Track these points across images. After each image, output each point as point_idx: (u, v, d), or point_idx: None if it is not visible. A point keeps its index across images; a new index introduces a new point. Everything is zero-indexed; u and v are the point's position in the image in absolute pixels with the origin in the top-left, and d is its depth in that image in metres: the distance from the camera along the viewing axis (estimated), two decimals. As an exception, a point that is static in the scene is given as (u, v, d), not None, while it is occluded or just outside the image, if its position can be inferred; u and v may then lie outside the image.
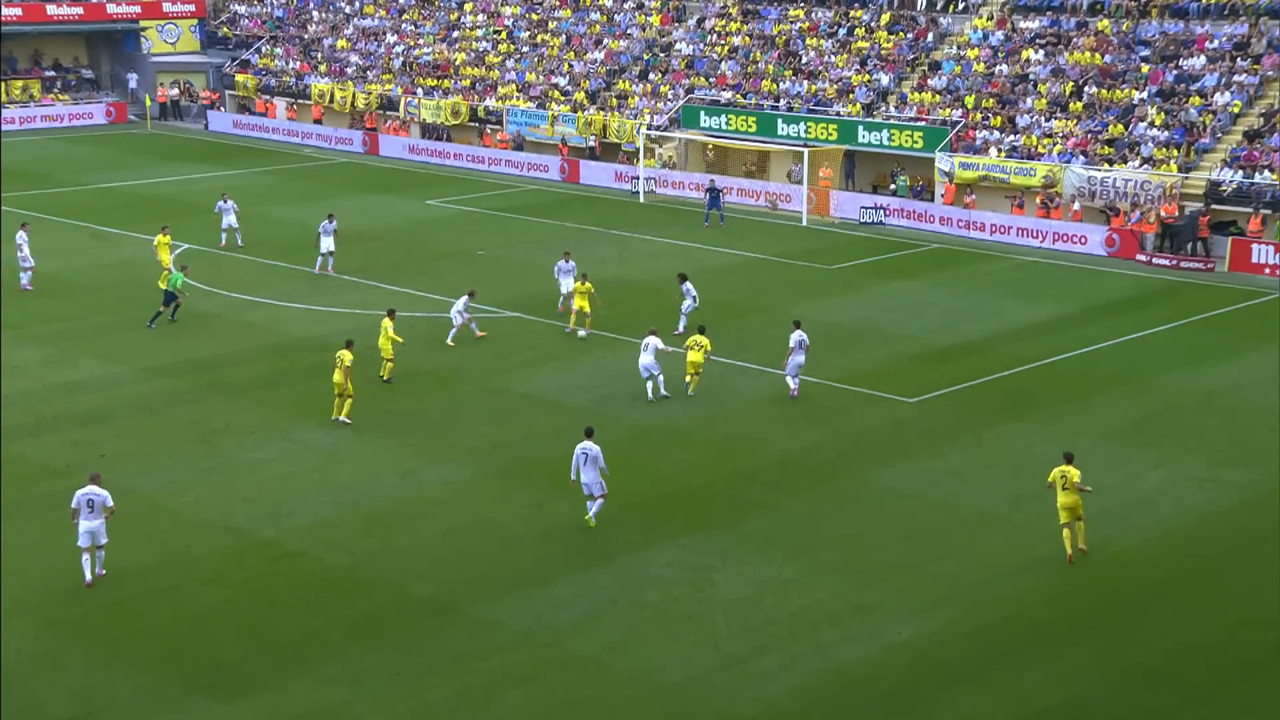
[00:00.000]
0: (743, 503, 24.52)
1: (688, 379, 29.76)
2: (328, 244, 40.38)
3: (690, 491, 24.74)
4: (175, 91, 74.33)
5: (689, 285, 33.99)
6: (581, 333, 34.16)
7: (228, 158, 62.77)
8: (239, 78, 72.31)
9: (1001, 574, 21.75)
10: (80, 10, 73.73)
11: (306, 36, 74.49)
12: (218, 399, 29.82)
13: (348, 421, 28.04)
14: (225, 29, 77.49)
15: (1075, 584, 21.45)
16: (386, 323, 30.47)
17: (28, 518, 23.63)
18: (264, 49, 74.38)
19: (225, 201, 44.12)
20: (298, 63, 71.89)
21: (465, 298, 33.68)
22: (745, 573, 21.77)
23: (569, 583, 21.39)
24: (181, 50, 75.90)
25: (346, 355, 28.10)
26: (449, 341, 33.29)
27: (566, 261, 36.22)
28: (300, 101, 69.53)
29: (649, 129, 55.42)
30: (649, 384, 29.47)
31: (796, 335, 29.65)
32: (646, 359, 29.36)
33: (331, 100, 67.66)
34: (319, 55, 71.97)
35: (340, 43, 72.49)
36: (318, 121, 67.97)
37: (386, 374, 30.56)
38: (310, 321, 36.01)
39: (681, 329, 33.24)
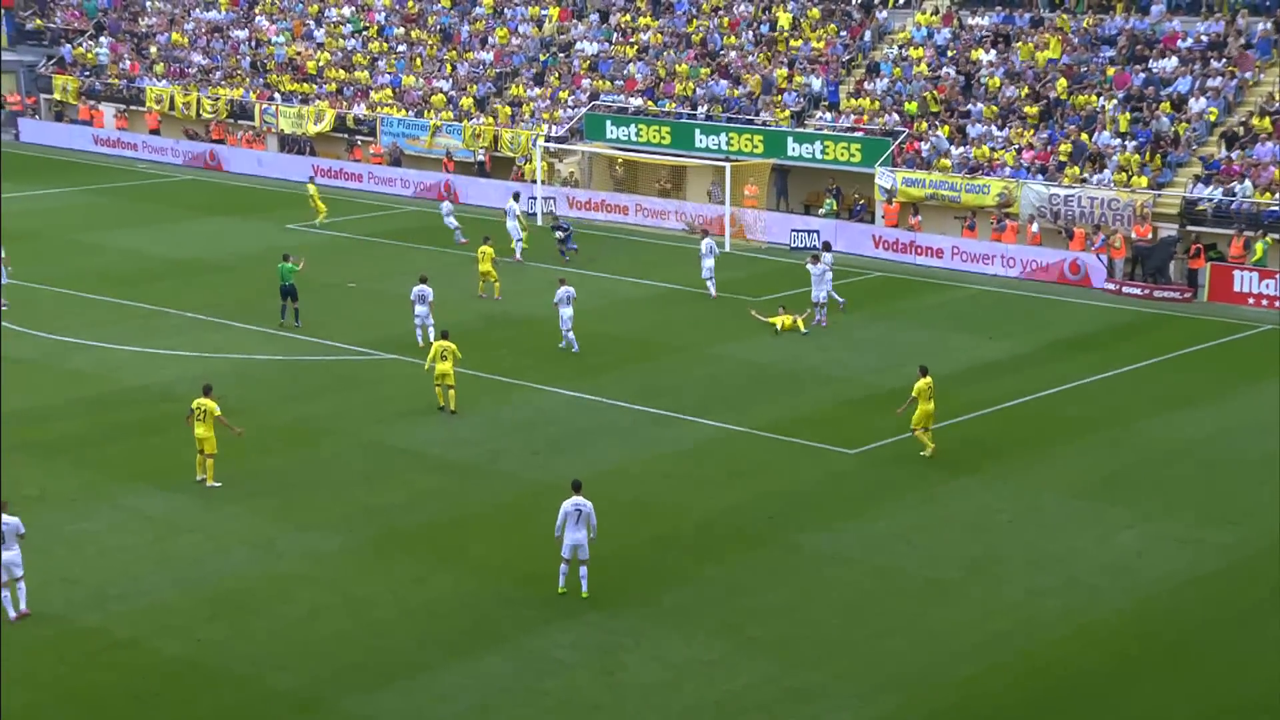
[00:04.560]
0: (658, 573, 24.62)
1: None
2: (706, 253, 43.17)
3: (597, 560, 24.76)
4: (-23, 95, 73.34)
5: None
6: (485, 295, 41.48)
7: (44, 174, 61.91)
8: (57, 79, 71.47)
9: (956, 651, 22.06)
10: None
11: (138, 31, 73.92)
12: (31, 461, 29.27)
13: (217, 484, 27.81)
14: (38, 20, 76.26)
15: (1039, 662, 21.83)
16: (449, 345, 31.68)
17: None
18: (86, 45, 73.62)
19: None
20: (128, 62, 71.29)
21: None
22: (662, 655, 21.86)
23: (454, 670, 21.32)
24: None
25: (211, 405, 27.69)
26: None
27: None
28: (133, 108, 68.92)
29: (547, 141, 55.75)
30: (568, 335, 35.88)
31: (418, 289, 36.25)
32: (567, 311, 35.73)
33: (171, 106, 67.16)
34: (154, 53, 71.44)
35: (176, 37, 71.97)
36: (154, 131, 67.44)
37: (452, 404, 31.87)
38: (146, 367, 35.61)
39: None
